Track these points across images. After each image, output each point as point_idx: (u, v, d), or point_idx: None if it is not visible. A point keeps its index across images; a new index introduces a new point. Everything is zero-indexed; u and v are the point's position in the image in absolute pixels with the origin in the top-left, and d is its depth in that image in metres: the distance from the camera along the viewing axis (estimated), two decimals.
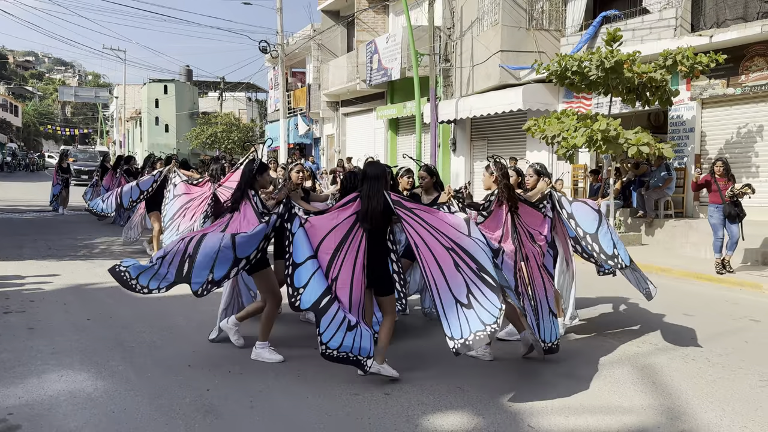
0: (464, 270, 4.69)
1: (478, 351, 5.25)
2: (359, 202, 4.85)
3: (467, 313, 4.59)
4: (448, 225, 4.80)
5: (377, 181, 4.84)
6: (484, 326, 4.49)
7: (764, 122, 12.35)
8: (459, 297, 4.65)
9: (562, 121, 12.38)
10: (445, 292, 4.70)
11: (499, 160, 5.38)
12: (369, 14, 24.49)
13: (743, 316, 7.34)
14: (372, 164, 5.09)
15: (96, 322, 6.53)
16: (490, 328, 4.48)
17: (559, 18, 16.55)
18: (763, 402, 4.64)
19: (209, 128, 40.67)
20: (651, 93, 12.08)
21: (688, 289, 9.02)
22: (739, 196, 9.43)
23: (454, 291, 4.67)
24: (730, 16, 12.41)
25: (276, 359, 5.30)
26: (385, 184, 4.89)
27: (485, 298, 4.59)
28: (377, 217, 4.80)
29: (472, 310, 4.58)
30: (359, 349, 4.70)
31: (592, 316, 7.15)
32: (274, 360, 5.29)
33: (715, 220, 9.65)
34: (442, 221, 4.82)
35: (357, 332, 4.70)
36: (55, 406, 4.30)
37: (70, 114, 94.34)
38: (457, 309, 4.62)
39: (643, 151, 11.33)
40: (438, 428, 4.13)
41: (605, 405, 4.58)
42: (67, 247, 11.59)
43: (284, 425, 4.13)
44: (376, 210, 4.78)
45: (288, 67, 30.93)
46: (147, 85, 56.16)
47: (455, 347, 4.51)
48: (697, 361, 5.60)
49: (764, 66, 12.07)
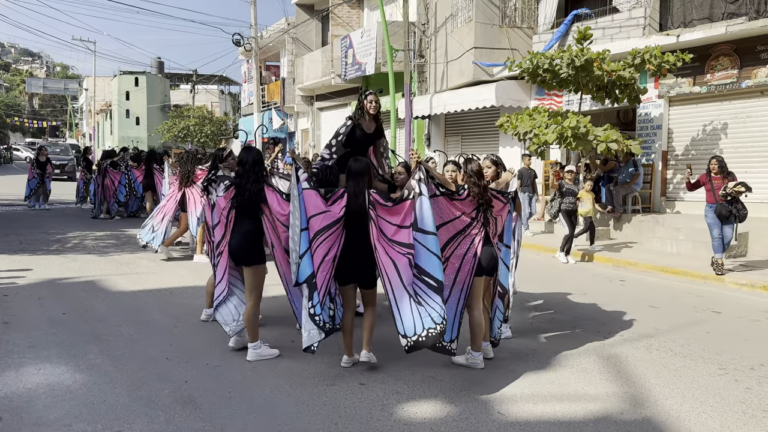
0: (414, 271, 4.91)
1: (469, 360, 5.23)
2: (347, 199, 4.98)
3: (420, 311, 4.80)
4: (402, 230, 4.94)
5: (362, 178, 4.98)
6: (435, 325, 4.75)
7: (728, 120, 12.72)
8: (412, 293, 4.86)
9: (534, 117, 12.62)
10: (399, 287, 4.88)
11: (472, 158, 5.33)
12: (344, 9, 24.52)
13: (706, 308, 7.61)
14: (356, 160, 5.15)
15: (72, 316, 6.54)
16: (440, 328, 4.75)
17: (532, 15, 16.79)
18: (721, 389, 4.86)
19: (181, 121, 40.34)
20: (620, 91, 12.39)
21: (654, 282, 9.30)
22: (731, 195, 9.07)
23: (407, 287, 4.87)
24: (697, 17, 12.75)
25: (275, 353, 5.35)
26: (369, 180, 5.07)
27: (431, 299, 4.84)
28: (365, 212, 4.94)
29: (424, 308, 4.81)
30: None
31: (560, 309, 7.35)
32: (274, 355, 5.34)
33: (709, 220, 9.35)
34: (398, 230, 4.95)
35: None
36: (34, 399, 4.35)
37: (38, 106, 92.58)
38: (411, 304, 4.82)
39: (611, 147, 11.60)
40: (412, 416, 4.27)
41: (572, 393, 4.76)
42: (38, 241, 11.49)
43: (262, 415, 4.23)
44: (363, 206, 4.93)
45: (262, 60, 30.83)
46: (117, 77, 55.42)
47: (407, 345, 4.77)
48: (661, 350, 5.83)
49: (729, 65, 12.42)
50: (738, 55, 12.24)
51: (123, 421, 4.04)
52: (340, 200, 4.99)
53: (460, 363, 5.24)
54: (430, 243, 4.85)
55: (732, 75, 12.38)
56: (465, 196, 5.14)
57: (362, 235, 4.97)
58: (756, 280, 8.91)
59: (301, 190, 4.90)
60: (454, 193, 5.15)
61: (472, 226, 5.17)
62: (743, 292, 8.67)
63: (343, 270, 5.05)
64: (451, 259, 5.13)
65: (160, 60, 58.91)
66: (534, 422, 4.21)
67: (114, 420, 4.06)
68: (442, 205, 5.11)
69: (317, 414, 4.26)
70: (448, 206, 5.14)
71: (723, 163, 9.43)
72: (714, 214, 9.24)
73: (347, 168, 5.10)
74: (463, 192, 5.15)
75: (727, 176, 9.32)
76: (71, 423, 3.99)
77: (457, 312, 5.19)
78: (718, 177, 9.33)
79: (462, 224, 5.16)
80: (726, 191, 9.09)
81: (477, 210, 5.16)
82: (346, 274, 5.07)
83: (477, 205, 5.15)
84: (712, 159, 9.54)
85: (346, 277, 5.08)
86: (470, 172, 5.16)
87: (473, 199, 5.13)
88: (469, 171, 5.17)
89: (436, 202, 5.05)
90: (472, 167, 5.18)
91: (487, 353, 5.41)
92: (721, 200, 9.16)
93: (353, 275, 5.08)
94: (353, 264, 5.03)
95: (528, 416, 4.31)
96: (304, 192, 4.91)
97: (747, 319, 7.12)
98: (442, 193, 5.11)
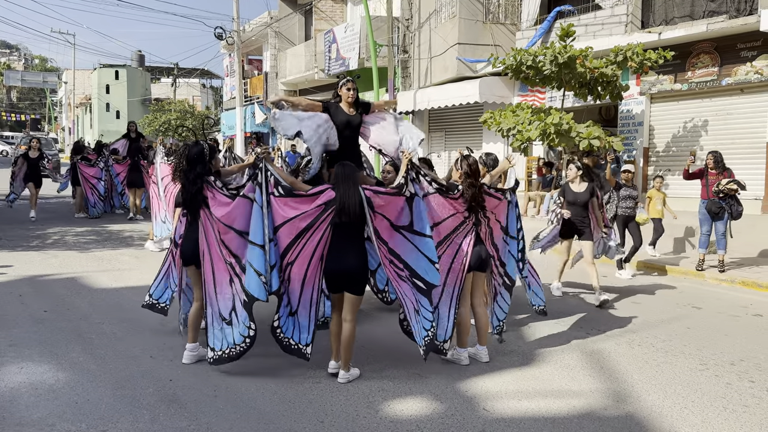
0: (407, 279, 4.90)
1: (453, 355, 5.23)
2: (330, 193, 4.73)
3: (419, 319, 4.93)
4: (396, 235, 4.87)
5: (352, 184, 4.69)
6: (426, 331, 4.95)
7: (709, 117, 12.87)
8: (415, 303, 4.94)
9: (517, 114, 12.68)
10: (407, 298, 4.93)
11: (470, 154, 5.26)
12: (327, 3, 24.42)
13: (687, 304, 7.71)
14: (343, 165, 4.82)
15: (53, 313, 6.47)
16: (431, 332, 4.96)
17: (515, 12, 16.86)
18: (702, 384, 4.93)
19: (162, 115, 39.93)
20: (602, 88, 12.49)
21: (636, 278, 9.38)
22: (724, 192, 8.93)
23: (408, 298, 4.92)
24: (678, 14, 12.87)
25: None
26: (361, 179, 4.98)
27: (421, 305, 4.95)
28: (355, 212, 4.66)
29: (420, 315, 4.93)
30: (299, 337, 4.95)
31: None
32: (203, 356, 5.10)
33: (700, 215, 9.30)
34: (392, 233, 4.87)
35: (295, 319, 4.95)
36: (16, 398, 4.31)
37: (16, 99, 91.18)
38: (415, 317, 4.92)
39: (593, 144, 11.69)
40: (398, 413, 4.28)
41: (556, 389, 4.81)
42: (18, 237, 11.34)
43: (248, 413, 4.22)
44: (355, 211, 4.65)
45: (244, 54, 30.60)
46: (97, 70, 54.76)
47: (423, 353, 4.91)
48: (643, 346, 5.89)
49: (709, 63, 12.57)
50: (718, 53, 12.39)
51: (107, 421, 4.02)
52: (321, 196, 4.74)
53: (445, 358, 5.27)
54: (424, 246, 4.82)
55: (713, 72, 12.52)
56: (458, 196, 5.09)
57: (353, 239, 4.74)
58: (735, 275, 9.04)
59: (264, 201, 4.70)
60: (448, 190, 5.08)
61: (464, 224, 5.16)
62: (723, 287, 8.79)
63: (333, 277, 4.77)
64: (443, 258, 5.08)
65: (140, 53, 58.24)
66: (519, 418, 4.25)
67: (98, 419, 4.03)
68: (435, 202, 5.04)
69: (303, 412, 4.26)
70: (442, 203, 5.08)
71: (719, 158, 9.25)
72: (705, 210, 9.19)
73: (334, 175, 4.80)
74: (457, 192, 5.09)
75: (722, 172, 9.16)
76: (55, 423, 3.96)
77: (450, 311, 5.18)
78: (714, 172, 9.20)
79: (455, 222, 5.13)
80: (719, 188, 8.96)
81: (469, 209, 5.15)
82: (335, 282, 4.77)
83: (469, 205, 5.13)
84: (709, 154, 9.37)
85: (335, 285, 4.78)
86: (468, 170, 5.11)
87: (466, 200, 5.11)
88: (466, 170, 5.11)
89: (429, 200, 5.01)
90: (470, 165, 5.13)
91: (481, 357, 5.31)
92: (713, 196, 9.06)
93: (343, 283, 4.74)
94: (343, 271, 4.72)
95: (513, 413, 4.34)
96: (274, 200, 4.74)
97: (727, 315, 7.22)
98: (436, 189, 5.05)
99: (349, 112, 5.88)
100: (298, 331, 4.96)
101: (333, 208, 4.70)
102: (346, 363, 4.79)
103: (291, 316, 4.93)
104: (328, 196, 4.74)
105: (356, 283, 4.74)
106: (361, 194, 4.69)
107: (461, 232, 5.17)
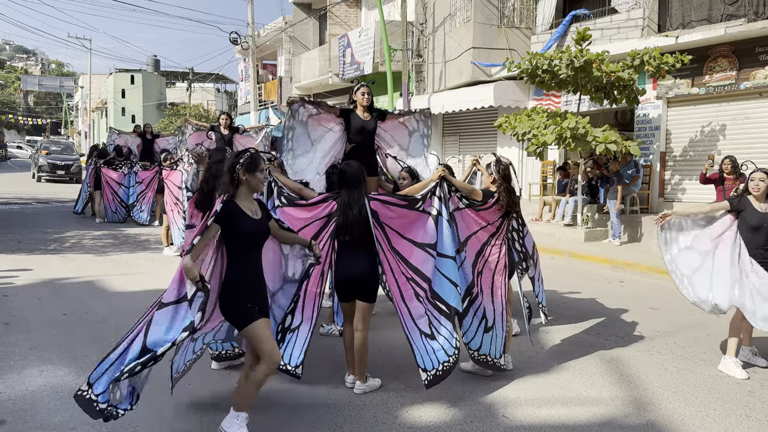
0: (423, 300, 4.66)
1: (475, 367, 5.11)
2: (332, 205, 4.62)
3: (433, 345, 4.62)
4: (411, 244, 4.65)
5: (356, 186, 4.57)
6: (448, 357, 4.62)
7: (726, 121, 12.74)
8: (422, 328, 4.65)
9: (533, 118, 12.63)
10: (409, 321, 4.66)
11: (502, 160, 4.98)
12: (342, 8, 24.49)
13: None
14: (348, 164, 4.72)
15: (72, 316, 6.52)
16: (453, 359, 4.63)
17: (530, 16, 16.81)
18: (724, 392, 4.88)
19: (177, 119, 40.22)
20: (618, 92, 12.41)
21: (653, 283, 9.30)
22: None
23: (417, 322, 4.65)
24: (695, 18, 12.78)
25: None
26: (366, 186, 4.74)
27: (443, 327, 4.66)
28: (359, 226, 4.53)
29: (437, 341, 4.64)
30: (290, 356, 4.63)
31: (559, 311, 7.35)
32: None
33: None
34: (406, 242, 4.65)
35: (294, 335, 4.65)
36: (38, 401, 4.34)
37: (33, 103, 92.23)
38: (423, 340, 4.63)
39: (610, 148, 11.62)
40: (416, 419, 4.27)
41: (575, 396, 4.77)
42: (36, 240, 11.45)
43: (266, 418, 4.22)
44: (359, 217, 4.53)
45: (259, 59, 30.74)
46: (113, 75, 55.34)
47: (427, 379, 4.54)
48: (662, 353, 5.84)
49: (727, 67, 12.45)
50: (736, 57, 12.27)
51: (127, 425, 4.03)
52: (324, 204, 4.63)
53: (467, 370, 5.19)
54: (446, 268, 4.62)
55: (730, 76, 12.40)
56: (492, 203, 4.87)
57: (360, 245, 4.60)
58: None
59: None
60: (479, 203, 4.88)
61: (496, 235, 4.97)
62: None
63: (343, 285, 4.67)
64: (484, 279, 4.94)
65: (156, 58, 58.73)
66: (539, 426, 4.22)
67: (118, 423, 4.03)
68: (467, 216, 4.88)
69: (321, 417, 4.25)
70: (473, 217, 4.91)
71: (736, 163, 9.09)
72: None
73: (339, 172, 4.69)
74: (491, 200, 4.88)
75: (738, 177, 8.98)
76: (75, 427, 3.98)
77: (504, 326, 5.01)
78: (731, 178, 8.99)
79: (486, 234, 4.95)
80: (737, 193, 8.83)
81: (502, 219, 4.96)
82: (346, 290, 4.68)
83: (503, 214, 4.93)
84: (725, 158, 9.19)
85: (346, 293, 4.69)
86: (502, 174, 4.89)
87: (500, 207, 4.90)
88: (501, 174, 4.89)
89: (461, 214, 4.86)
90: (504, 169, 4.90)
91: (507, 365, 5.16)
92: None
93: (354, 291, 4.65)
94: (353, 278, 4.62)
95: (533, 420, 4.31)
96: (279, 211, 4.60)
97: None
98: (467, 205, 4.86)
99: (363, 116, 5.93)
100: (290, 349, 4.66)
101: (335, 220, 4.58)
102: (361, 374, 4.70)
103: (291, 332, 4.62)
104: (329, 208, 4.63)
105: (368, 289, 4.64)
106: (367, 207, 4.53)
107: (496, 244, 4.97)
